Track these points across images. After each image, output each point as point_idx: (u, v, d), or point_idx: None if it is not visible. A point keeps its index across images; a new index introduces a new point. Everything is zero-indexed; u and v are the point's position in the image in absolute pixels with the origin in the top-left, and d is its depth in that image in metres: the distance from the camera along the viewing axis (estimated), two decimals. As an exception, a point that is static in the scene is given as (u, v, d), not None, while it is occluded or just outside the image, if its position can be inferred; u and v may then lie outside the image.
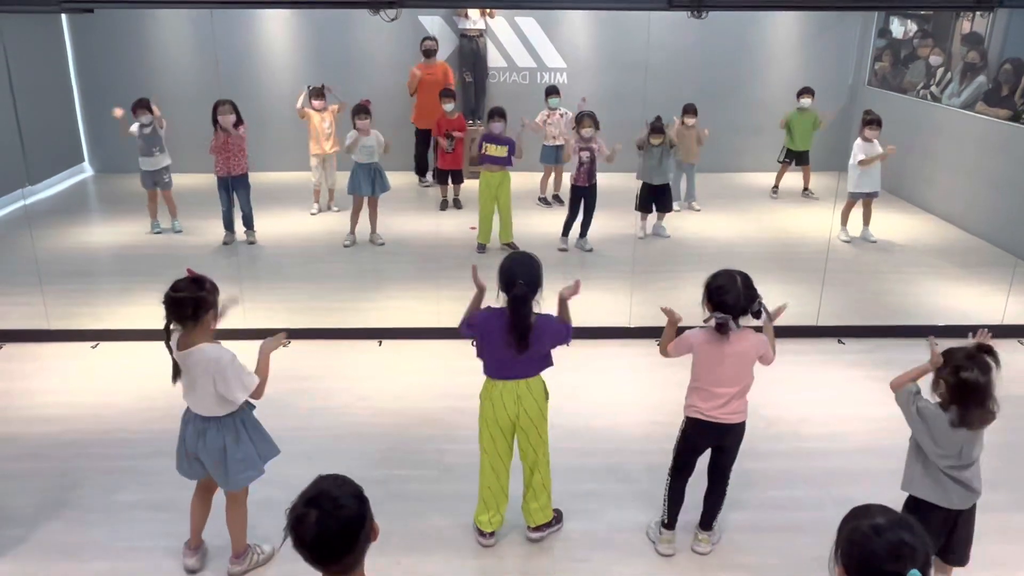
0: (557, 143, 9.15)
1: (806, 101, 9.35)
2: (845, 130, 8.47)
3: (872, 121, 7.97)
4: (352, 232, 8.22)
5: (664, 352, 3.78)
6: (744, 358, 3.60)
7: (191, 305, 3.29)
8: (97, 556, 3.85)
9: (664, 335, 3.78)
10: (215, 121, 7.60)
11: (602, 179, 7.92)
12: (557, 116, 9.18)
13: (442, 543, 3.95)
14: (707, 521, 3.89)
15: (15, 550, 3.88)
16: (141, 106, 7.95)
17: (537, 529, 3.95)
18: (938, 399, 3.11)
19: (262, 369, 3.54)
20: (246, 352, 6.00)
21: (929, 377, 3.20)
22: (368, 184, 7.98)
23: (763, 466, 4.54)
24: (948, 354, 3.07)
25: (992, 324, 6.20)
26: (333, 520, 2.02)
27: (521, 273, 3.51)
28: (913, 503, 3.29)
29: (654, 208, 8.21)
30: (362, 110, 7.86)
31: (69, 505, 4.21)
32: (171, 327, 3.36)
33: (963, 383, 2.98)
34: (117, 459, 4.58)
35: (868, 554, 1.91)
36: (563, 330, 3.71)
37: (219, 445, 3.46)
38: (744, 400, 3.68)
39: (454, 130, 8.77)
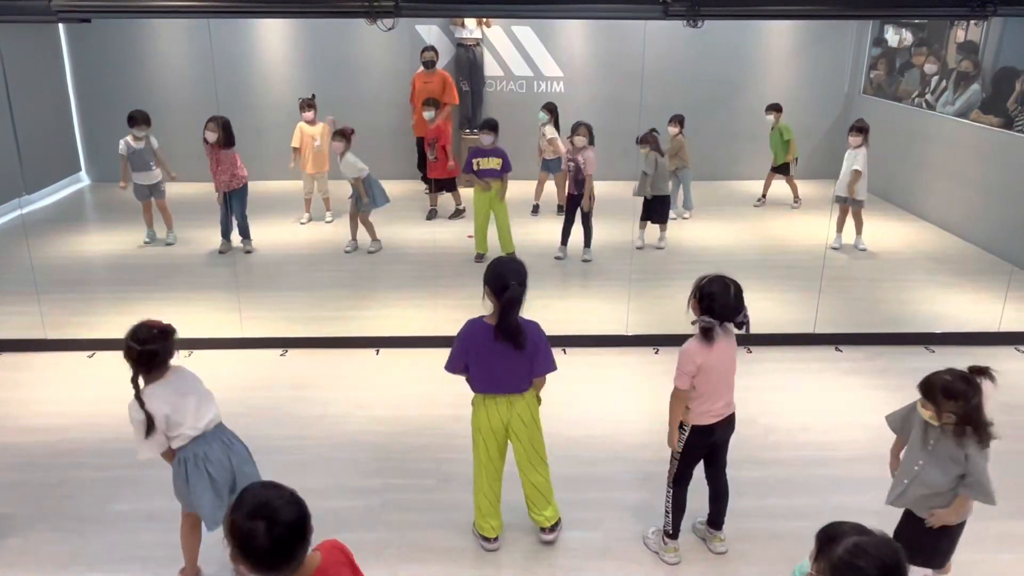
0: (547, 156, 9.16)
1: (769, 118, 9.39)
2: (838, 139, 8.50)
3: (851, 128, 7.99)
4: (353, 238, 8.23)
5: (685, 403, 3.69)
6: (730, 354, 3.66)
7: (161, 354, 3.31)
8: (92, 566, 3.84)
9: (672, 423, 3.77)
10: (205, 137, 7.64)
11: (600, 187, 7.93)
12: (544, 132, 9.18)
13: (440, 552, 3.94)
14: (719, 522, 3.94)
15: (10, 559, 3.86)
16: (138, 118, 7.86)
17: (551, 530, 3.97)
18: (940, 424, 3.14)
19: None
20: (242, 361, 5.99)
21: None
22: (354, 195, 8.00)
23: (761, 474, 4.54)
24: (949, 389, 3.07)
25: (989, 332, 6.26)
26: (282, 527, 2.04)
27: (513, 276, 3.55)
28: (906, 515, 3.34)
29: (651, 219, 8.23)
30: (338, 134, 7.84)
31: (64, 514, 4.20)
32: (139, 378, 3.30)
33: (975, 408, 3.06)
34: (112, 468, 4.56)
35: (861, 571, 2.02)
36: (549, 354, 3.72)
37: (246, 450, 3.54)
38: (732, 392, 3.74)
39: (433, 138, 8.76)
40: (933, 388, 3.10)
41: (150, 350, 3.25)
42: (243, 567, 2.06)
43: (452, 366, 3.74)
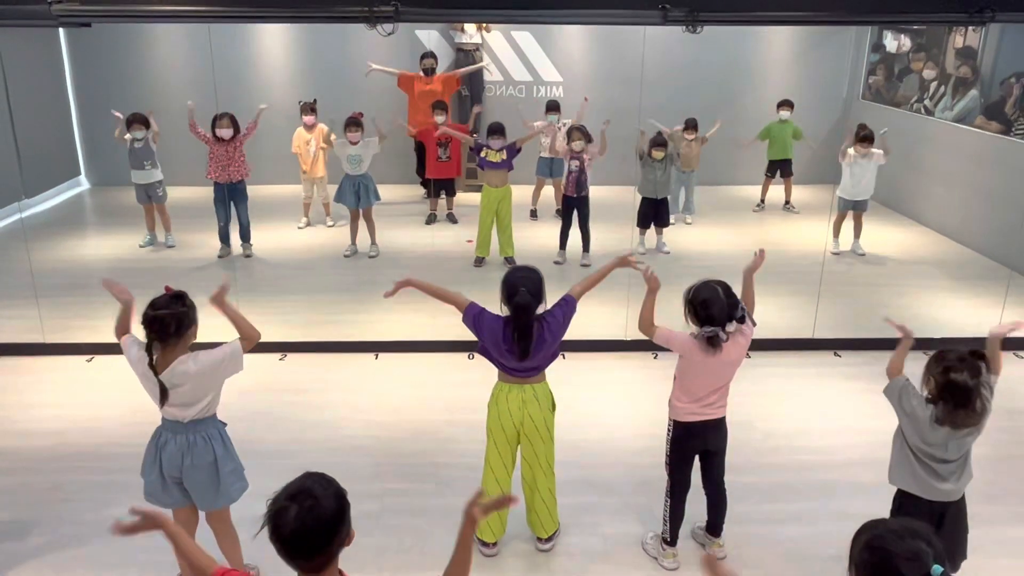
0: (551, 156, 9.18)
1: (785, 113, 9.47)
2: (837, 145, 8.50)
3: (865, 138, 7.98)
4: (353, 243, 8.23)
5: (648, 330, 3.73)
6: (733, 364, 3.64)
7: (174, 322, 3.24)
8: (90, 570, 3.83)
9: (644, 304, 3.78)
10: (214, 132, 7.70)
11: (599, 191, 7.94)
12: (555, 130, 9.20)
13: (439, 557, 3.91)
14: (718, 529, 3.94)
15: (7, 564, 3.86)
16: (136, 120, 7.93)
17: (548, 540, 3.97)
18: (927, 394, 3.14)
19: (238, 320, 3.52)
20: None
21: (919, 372, 3.19)
22: (353, 196, 7.99)
23: (759, 479, 4.53)
24: (942, 355, 3.10)
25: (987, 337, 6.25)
26: (311, 517, 2.03)
27: (524, 284, 3.55)
28: (899, 497, 3.32)
29: (652, 223, 8.22)
30: (352, 122, 7.87)
31: (62, 519, 4.19)
32: (153, 347, 3.27)
33: (951, 384, 3.02)
34: (110, 473, 4.55)
35: (887, 556, 1.96)
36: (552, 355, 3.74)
37: (210, 459, 3.41)
38: (726, 395, 3.72)
39: (446, 138, 8.72)
40: (933, 354, 3.13)
41: (162, 316, 3.23)
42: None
43: (468, 320, 3.72)
